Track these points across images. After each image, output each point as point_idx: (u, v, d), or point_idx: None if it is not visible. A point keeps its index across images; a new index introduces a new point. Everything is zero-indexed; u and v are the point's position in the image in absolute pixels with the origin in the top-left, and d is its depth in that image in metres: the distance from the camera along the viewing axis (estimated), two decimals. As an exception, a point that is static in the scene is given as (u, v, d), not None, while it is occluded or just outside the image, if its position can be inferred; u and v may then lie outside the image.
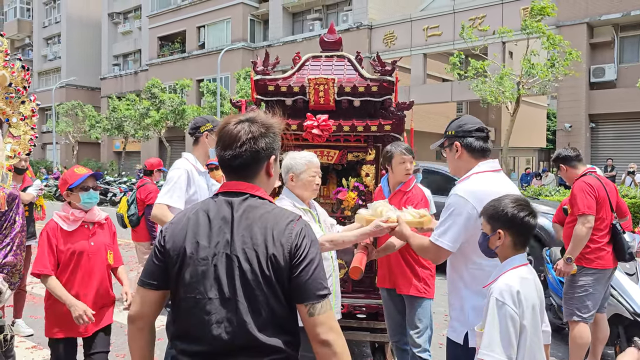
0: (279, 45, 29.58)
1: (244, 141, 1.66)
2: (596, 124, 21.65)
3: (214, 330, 1.58)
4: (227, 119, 1.73)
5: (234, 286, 1.59)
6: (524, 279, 2.06)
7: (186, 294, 1.63)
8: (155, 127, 30.06)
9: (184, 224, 1.68)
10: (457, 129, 2.59)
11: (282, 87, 4.16)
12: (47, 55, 48.97)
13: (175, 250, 1.66)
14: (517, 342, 1.98)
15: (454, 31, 23.18)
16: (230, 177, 1.72)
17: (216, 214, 1.66)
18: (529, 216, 2.11)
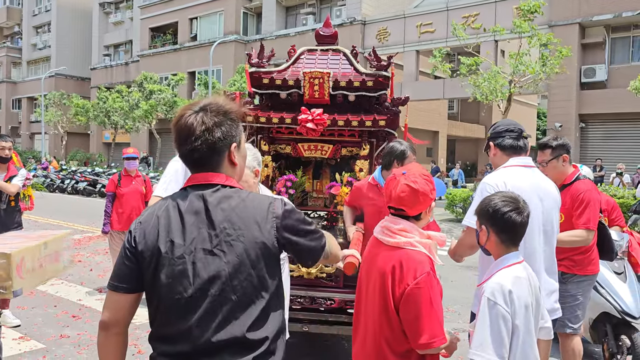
0: (272, 39, 29.45)
1: (198, 135, 1.58)
2: (586, 124, 21.82)
3: (197, 330, 1.52)
4: (183, 109, 1.64)
5: (218, 282, 1.53)
6: (517, 277, 2.02)
7: (164, 295, 1.55)
8: (145, 118, 29.84)
9: (155, 223, 1.60)
10: (491, 132, 2.95)
11: (277, 80, 4.13)
12: (37, 44, 48.39)
13: (148, 250, 1.57)
14: (509, 342, 1.95)
15: (447, 28, 23.20)
16: (194, 170, 1.65)
17: (188, 209, 1.59)
18: (513, 212, 2.04)
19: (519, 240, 2.11)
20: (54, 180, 24.56)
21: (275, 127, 4.19)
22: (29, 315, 5.69)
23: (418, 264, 1.99)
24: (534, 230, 2.65)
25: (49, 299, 6.35)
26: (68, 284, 7.02)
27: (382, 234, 2.14)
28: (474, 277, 8.05)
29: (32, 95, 46.87)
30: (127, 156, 6.79)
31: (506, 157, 2.85)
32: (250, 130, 4.25)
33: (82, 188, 22.57)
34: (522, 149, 2.85)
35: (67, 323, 5.51)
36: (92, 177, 23.07)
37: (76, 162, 37.35)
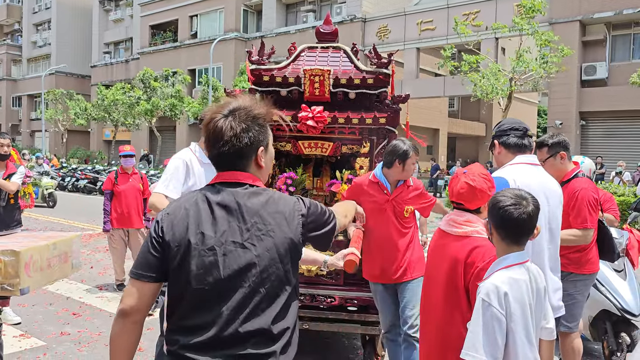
0: (272, 37, 29.42)
1: (226, 140, 1.64)
2: (586, 121, 21.81)
3: (224, 320, 1.55)
4: (213, 113, 1.69)
5: (248, 274, 1.58)
6: (514, 280, 1.98)
7: (193, 285, 1.58)
8: (146, 116, 29.82)
9: (183, 214, 1.64)
10: (496, 130, 2.96)
11: (277, 77, 4.13)
12: (37, 41, 48.36)
13: (175, 241, 1.60)
14: (504, 344, 1.94)
15: (448, 26, 23.20)
16: (222, 170, 1.71)
17: (219, 203, 1.63)
18: (510, 207, 1.99)
19: (520, 239, 2.04)
20: (54, 177, 24.55)
21: (275, 125, 4.18)
22: (29, 312, 5.70)
23: (486, 249, 2.22)
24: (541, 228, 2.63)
25: (50, 297, 6.36)
26: (68, 282, 7.02)
27: (449, 225, 2.38)
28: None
29: (33, 93, 46.85)
30: (124, 154, 6.80)
31: (511, 155, 2.88)
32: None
33: (82, 186, 22.59)
34: (527, 147, 2.89)
35: (67, 320, 5.51)
36: (92, 174, 23.07)
37: (76, 159, 37.37)
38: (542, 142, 3.72)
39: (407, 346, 3.61)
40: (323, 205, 1.83)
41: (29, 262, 2.02)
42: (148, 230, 2.42)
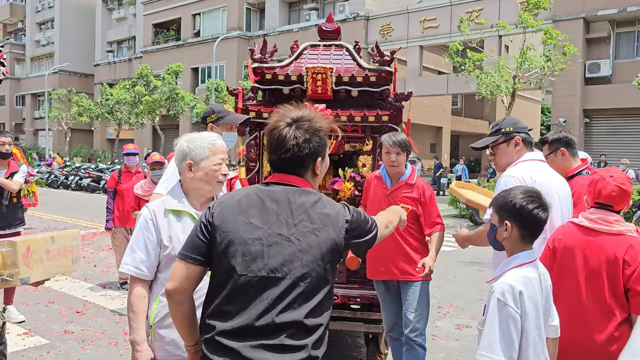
0: (275, 35, 29.42)
1: (288, 147, 1.72)
2: (590, 119, 21.74)
3: (262, 309, 1.61)
4: (277, 120, 1.77)
5: (291, 267, 1.63)
6: (528, 278, 1.99)
7: (237, 272, 1.65)
8: (149, 114, 29.86)
9: (234, 204, 1.73)
10: (514, 126, 2.92)
11: (279, 75, 4.12)
12: (40, 40, 48.47)
13: (224, 228, 1.69)
14: (518, 343, 1.93)
15: (451, 23, 23.16)
16: (278, 172, 1.80)
17: (270, 197, 1.72)
18: (539, 209, 2.03)
19: (537, 237, 2.10)
20: (58, 176, 24.63)
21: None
22: (33, 311, 5.72)
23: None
24: (555, 226, 2.65)
25: (53, 295, 6.38)
26: (72, 280, 7.04)
27: (598, 223, 2.47)
28: (476, 272, 8.05)
29: (36, 92, 46.97)
30: (127, 152, 6.80)
31: (523, 152, 2.89)
32: (252, 126, 4.25)
33: (85, 184, 22.65)
34: (533, 145, 2.94)
35: (71, 319, 5.53)
36: (95, 173, 23.13)
37: (80, 158, 37.47)
38: (544, 139, 3.74)
39: (408, 349, 3.61)
40: (366, 214, 1.87)
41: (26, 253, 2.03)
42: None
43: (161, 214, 2.23)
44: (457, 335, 5.26)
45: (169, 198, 2.28)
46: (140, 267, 2.17)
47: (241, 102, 4.14)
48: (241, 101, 4.15)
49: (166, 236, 2.19)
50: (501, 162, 2.94)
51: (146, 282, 2.20)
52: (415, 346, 3.56)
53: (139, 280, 2.18)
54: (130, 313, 2.15)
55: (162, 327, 2.17)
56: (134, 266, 2.17)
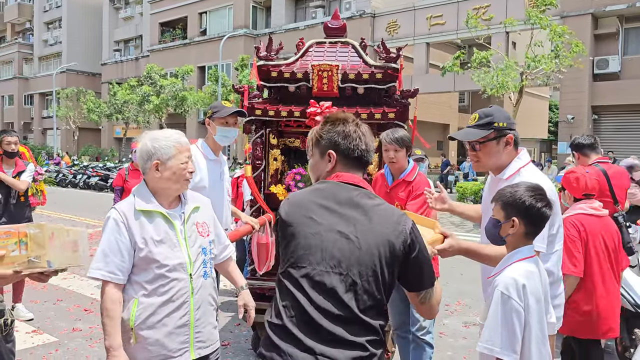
0: (281, 33, 29.40)
1: (360, 147, 1.84)
2: (599, 115, 21.58)
3: (321, 299, 1.65)
4: (344, 117, 1.88)
5: (348, 263, 1.67)
6: (530, 272, 2.01)
7: (297, 264, 1.71)
8: (156, 113, 29.96)
9: (299, 200, 1.80)
10: (508, 121, 2.47)
11: (285, 73, 4.11)
12: (48, 40, 48.72)
13: (288, 221, 1.75)
14: (521, 336, 1.94)
15: (458, 20, 23.03)
16: (345, 169, 1.85)
17: (333, 196, 1.76)
18: (546, 207, 2.06)
19: (539, 233, 2.14)
20: (66, 175, 24.77)
21: (284, 121, 4.18)
22: (41, 309, 5.75)
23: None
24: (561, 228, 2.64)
25: (61, 293, 6.41)
26: (80, 278, 7.08)
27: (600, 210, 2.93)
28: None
29: (44, 91, 47.23)
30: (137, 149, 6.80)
31: (515, 153, 2.52)
32: (258, 124, 4.24)
33: (93, 183, 22.76)
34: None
35: (79, 317, 5.55)
36: (103, 172, 23.25)
37: (88, 157, 37.66)
38: (592, 145, 4.33)
39: (415, 347, 3.60)
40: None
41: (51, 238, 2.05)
42: None
43: (132, 215, 2.20)
44: (464, 333, 5.24)
45: (137, 199, 2.25)
46: (115, 272, 2.15)
47: (247, 100, 4.14)
48: (247, 99, 4.14)
49: (140, 238, 2.17)
50: (487, 163, 2.51)
51: (120, 286, 2.18)
52: (422, 344, 3.55)
53: (113, 284, 2.15)
54: (106, 319, 2.12)
55: (144, 329, 2.16)
56: (108, 271, 2.14)
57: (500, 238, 2.12)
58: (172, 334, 2.19)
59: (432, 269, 1.81)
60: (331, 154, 1.82)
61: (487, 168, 2.56)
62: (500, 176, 2.49)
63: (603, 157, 4.26)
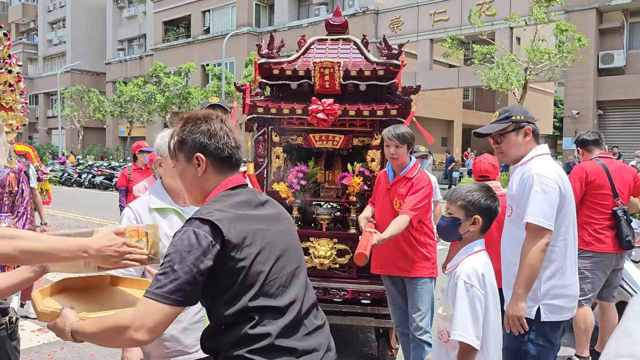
0: (285, 30, 29.38)
1: (238, 145, 1.72)
2: (604, 110, 21.46)
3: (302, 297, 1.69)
4: (206, 113, 1.73)
5: (300, 256, 1.76)
6: (486, 262, 2.21)
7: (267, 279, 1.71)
8: (161, 111, 30.03)
9: (233, 216, 1.59)
10: (526, 115, 2.75)
11: (287, 70, 4.11)
12: (52, 39, 48.86)
13: (237, 244, 1.62)
14: (482, 322, 2.11)
15: (461, 16, 22.95)
16: (232, 173, 1.72)
17: (256, 201, 1.70)
18: (497, 205, 2.30)
19: (489, 228, 2.33)
20: (71, 174, 24.87)
21: (286, 118, 4.18)
22: (47, 307, 5.77)
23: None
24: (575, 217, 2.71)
25: (67, 292, 6.44)
26: (85, 277, 7.10)
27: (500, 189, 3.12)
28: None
29: (49, 91, 47.40)
30: (144, 149, 6.77)
31: (534, 145, 2.74)
32: (260, 122, 4.24)
33: (98, 182, 22.85)
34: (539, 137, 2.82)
35: (84, 315, 5.57)
36: (108, 171, 23.33)
37: (92, 156, 37.78)
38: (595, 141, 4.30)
39: (415, 345, 3.61)
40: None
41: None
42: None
43: (146, 213, 2.20)
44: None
45: (152, 197, 2.26)
46: (129, 268, 2.13)
47: (249, 98, 4.14)
48: (249, 97, 4.14)
49: None
50: (509, 153, 2.77)
51: None
52: (421, 343, 3.56)
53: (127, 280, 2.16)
54: None
55: None
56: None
57: (458, 234, 2.29)
58: (187, 330, 2.20)
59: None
60: (199, 157, 1.62)
61: (510, 159, 2.78)
62: (516, 165, 2.72)
63: (605, 152, 4.32)
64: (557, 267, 2.59)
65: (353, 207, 4.17)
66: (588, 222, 4.07)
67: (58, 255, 1.63)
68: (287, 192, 4.12)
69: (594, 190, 4.06)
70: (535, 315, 2.58)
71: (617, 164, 4.22)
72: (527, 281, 2.50)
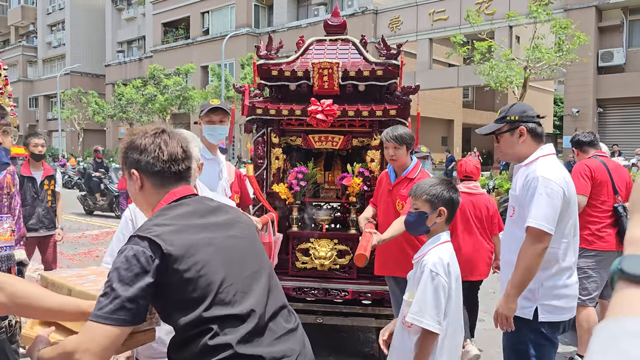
0: (284, 31, 29.37)
1: (180, 157, 1.69)
2: (604, 108, 21.45)
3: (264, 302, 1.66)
4: (146, 129, 1.73)
5: (256, 259, 1.71)
6: (451, 253, 2.37)
7: (221, 287, 1.68)
8: (160, 113, 30.03)
9: (177, 229, 1.58)
10: (521, 114, 2.71)
11: (285, 71, 4.10)
12: (52, 42, 48.87)
13: (178, 257, 1.58)
14: (444, 308, 2.25)
15: (461, 15, 22.93)
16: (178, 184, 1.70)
17: (203, 209, 1.67)
18: (458, 195, 2.45)
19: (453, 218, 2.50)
20: (71, 176, 24.86)
21: (285, 119, 4.17)
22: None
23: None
24: (577, 218, 2.69)
25: (68, 294, 6.43)
26: (86, 279, 7.10)
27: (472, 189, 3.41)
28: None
29: (49, 94, 47.41)
30: None
31: (535, 145, 2.69)
32: (259, 123, 4.24)
33: (99, 184, 22.83)
34: (542, 136, 2.77)
35: (85, 317, 5.57)
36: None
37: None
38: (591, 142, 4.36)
39: None
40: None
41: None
42: None
43: (141, 213, 2.23)
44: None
45: None
46: None
47: (248, 99, 4.14)
48: (248, 98, 4.14)
49: None
50: (506, 152, 2.78)
51: None
52: None
53: None
54: None
55: None
56: None
57: (425, 227, 2.43)
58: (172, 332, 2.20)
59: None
60: (133, 173, 1.64)
61: (509, 158, 2.83)
62: (520, 164, 2.72)
63: (600, 152, 4.37)
64: (558, 268, 2.58)
65: (353, 207, 4.16)
66: (590, 220, 4.09)
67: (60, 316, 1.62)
68: (287, 193, 4.12)
69: (596, 187, 4.08)
70: (533, 316, 2.58)
71: (614, 162, 4.27)
72: (521, 284, 2.50)
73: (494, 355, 4.48)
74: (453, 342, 2.35)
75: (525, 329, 2.58)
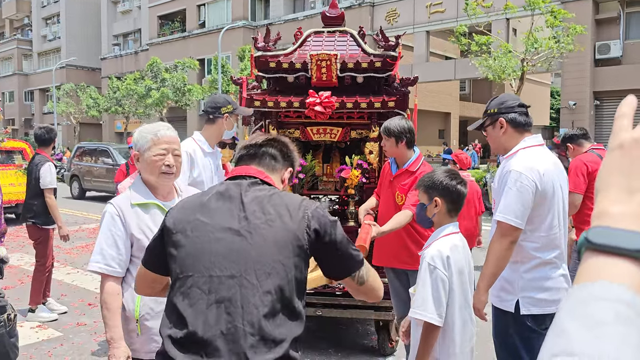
0: (280, 24, 29.24)
1: (257, 143, 1.77)
2: (601, 101, 21.45)
3: (212, 312, 1.41)
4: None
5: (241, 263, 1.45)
6: (454, 245, 2.30)
7: (182, 274, 1.51)
8: (157, 107, 29.91)
9: (185, 203, 1.65)
10: (500, 106, 2.69)
11: (283, 63, 4.09)
12: (47, 35, 48.57)
13: (171, 230, 1.57)
14: (446, 302, 2.21)
15: (458, 8, 22.87)
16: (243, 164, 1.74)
17: (222, 192, 1.59)
18: (461, 184, 2.36)
19: (460, 210, 2.41)
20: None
21: (284, 111, 4.16)
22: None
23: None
24: (561, 212, 2.64)
25: (65, 288, 6.43)
26: (84, 274, 7.10)
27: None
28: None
29: (44, 87, 47.17)
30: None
31: (518, 136, 2.64)
32: (257, 114, 4.22)
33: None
34: (531, 126, 2.71)
35: (83, 311, 5.57)
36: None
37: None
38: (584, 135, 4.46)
39: None
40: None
41: None
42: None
43: (128, 208, 2.22)
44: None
45: (133, 192, 2.27)
46: (112, 264, 2.16)
47: (245, 92, 4.12)
48: (245, 90, 4.12)
49: (137, 229, 2.19)
50: (493, 145, 2.79)
51: (118, 279, 2.19)
52: None
53: (111, 277, 2.17)
54: (105, 311, 2.15)
55: (149, 319, 2.19)
56: (105, 264, 2.16)
57: (428, 219, 2.40)
58: None
59: (352, 248, 1.60)
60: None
61: (498, 151, 2.80)
62: (504, 156, 2.70)
63: (597, 144, 4.43)
64: (538, 262, 2.55)
65: (352, 199, 4.16)
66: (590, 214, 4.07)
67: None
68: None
69: (593, 182, 4.08)
70: (515, 308, 2.57)
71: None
72: (490, 277, 2.52)
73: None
74: (465, 335, 2.31)
75: (510, 321, 2.58)
